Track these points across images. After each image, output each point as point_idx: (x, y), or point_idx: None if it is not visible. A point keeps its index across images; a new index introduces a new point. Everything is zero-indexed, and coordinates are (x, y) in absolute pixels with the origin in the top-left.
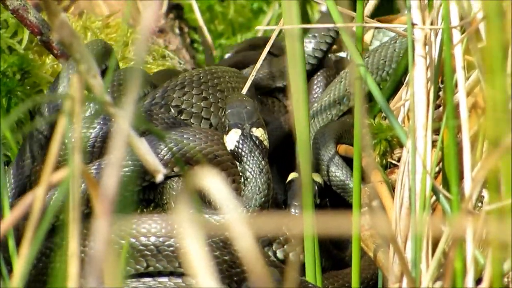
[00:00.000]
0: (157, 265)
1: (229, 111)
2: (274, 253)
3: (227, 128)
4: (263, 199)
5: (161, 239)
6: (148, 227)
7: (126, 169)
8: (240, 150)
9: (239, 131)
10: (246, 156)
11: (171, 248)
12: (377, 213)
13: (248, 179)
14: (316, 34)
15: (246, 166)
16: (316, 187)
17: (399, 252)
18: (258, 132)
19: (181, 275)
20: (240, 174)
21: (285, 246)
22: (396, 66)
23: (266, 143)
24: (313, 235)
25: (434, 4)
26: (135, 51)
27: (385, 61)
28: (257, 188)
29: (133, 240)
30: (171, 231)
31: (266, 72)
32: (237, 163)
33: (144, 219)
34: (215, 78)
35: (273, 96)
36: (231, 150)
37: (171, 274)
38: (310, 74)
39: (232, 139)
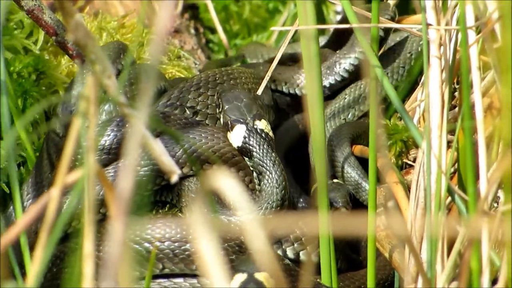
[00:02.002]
0: (173, 267)
1: (227, 107)
2: (284, 252)
3: (229, 125)
4: (283, 191)
5: (176, 244)
6: (164, 231)
7: (141, 171)
8: (248, 146)
9: (243, 127)
10: (255, 151)
11: (187, 252)
12: (392, 213)
13: (262, 174)
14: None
15: (257, 160)
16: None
17: (414, 253)
18: (262, 124)
19: (196, 276)
20: (252, 169)
21: (295, 245)
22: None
23: (271, 133)
24: (328, 235)
25: (448, 4)
26: (151, 51)
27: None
28: (274, 181)
29: (148, 244)
30: (187, 234)
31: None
32: (247, 160)
33: (160, 222)
34: (231, 79)
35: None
36: (238, 147)
37: (186, 275)
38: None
39: (237, 135)
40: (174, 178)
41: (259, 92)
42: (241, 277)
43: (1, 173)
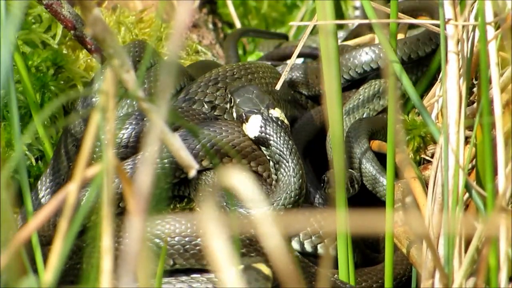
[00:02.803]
0: (184, 263)
1: (238, 100)
2: (302, 245)
3: (244, 117)
4: (300, 180)
5: (187, 239)
6: (174, 227)
7: (160, 164)
8: (265, 135)
9: (258, 116)
10: (273, 139)
11: (198, 247)
12: (410, 209)
13: (279, 162)
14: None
15: (275, 149)
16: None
17: (432, 249)
18: (277, 112)
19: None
20: (269, 159)
21: (313, 238)
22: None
23: (286, 121)
24: (346, 231)
25: (467, 0)
26: (169, 46)
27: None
28: (291, 170)
29: (158, 240)
30: (198, 229)
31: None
32: (263, 149)
33: (170, 218)
34: (249, 73)
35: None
36: (255, 137)
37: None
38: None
39: (254, 126)
40: (192, 173)
41: (278, 87)
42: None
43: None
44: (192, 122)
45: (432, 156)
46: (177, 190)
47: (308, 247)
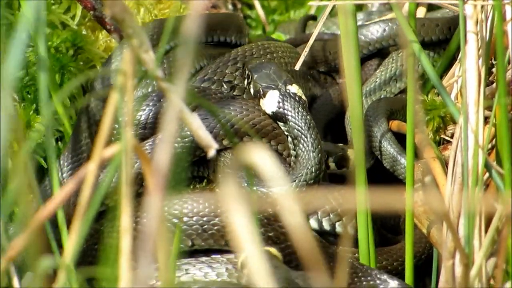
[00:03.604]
0: (202, 243)
1: (256, 75)
2: (320, 222)
3: (261, 92)
4: (319, 155)
5: (205, 218)
6: (192, 206)
7: (179, 143)
8: (283, 110)
9: (276, 92)
10: (291, 114)
11: (217, 227)
12: (430, 189)
13: (298, 138)
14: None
15: (293, 124)
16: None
17: (452, 228)
18: (294, 88)
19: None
20: (287, 134)
21: (331, 215)
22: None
23: (304, 97)
24: (366, 210)
25: None
26: (187, 26)
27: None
28: (310, 145)
29: (176, 220)
30: (216, 209)
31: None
32: (281, 125)
33: (188, 197)
34: (268, 53)
35: (325, 72)
36: (272, 112)
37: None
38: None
39: (271, 101)
40: (212, 153)
41: (297, 67)
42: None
43: (38, 148)
44: (210, 102)
45: (451, 136)
46: (197, 171)
47: (326, 225)
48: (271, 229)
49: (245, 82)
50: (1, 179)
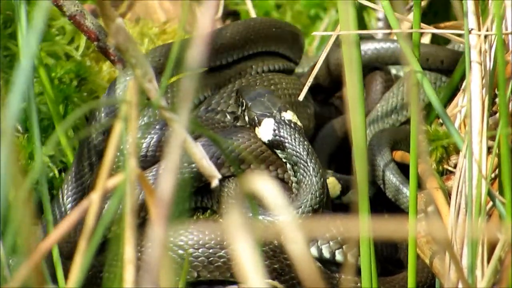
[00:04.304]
0: (208, 275)
1: (250, 103)
2: (320, 250)
3: (256, 121)
4: (321, 179)
5: (211, 250)
6: (198, 237)
7: (182, 172)
8: (279, 138)
9: (271, 120)
10: (287, 141)
11: (223, 259)
12: (433, 219)
13: (298, 164)
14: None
15: (291, 151)
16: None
17: (455, 258)
18: (289, 115)
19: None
20: (285, 161)
21: (331, 243)
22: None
23: (299, 123)
24: (369, 239)
25: (490, 10)
26: (191, 56)
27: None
28: (311, 170)
29: (182, 251)
30: (222, 240)
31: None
32: (278, 152)
33: (193, 228)
34: (272, 84)
35: (329, 103)
36: (268, 140)
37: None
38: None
39: (266, 129)
40: (215, 182)
41: (301, 97)
42: None
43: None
44: (214, 131)
45: (454, 167)
46: (200, 201)
47: (326, 253)
48: (276, 261)
49: (239, 110)
50: (3, 211)
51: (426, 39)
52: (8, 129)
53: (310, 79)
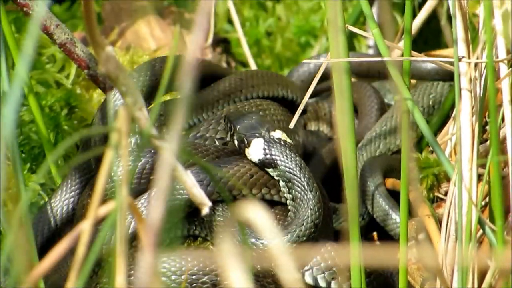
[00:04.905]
0: None
1: (239, 126)
2: (315, 279)
3: (246, 142)
4: (317, 193)
5: (194, 277)
6: (181, 264)
7: (171, 199)
8: (270, 156)
9: (260, 139)
10: (279, 158)
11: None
12: (423, 246)
13: (291, 180)
14: None
15: (283, 168)
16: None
17: (446, 286)
18: (278, 134)
19: None
20: (277, 179)
21: (326, 274)
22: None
23: (289, 140)
24: (359, 266)
25: (480, 38)
26: (181, 82)
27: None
28: (305, 185)
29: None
30: (205, 267)
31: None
32: (270, 171)
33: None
34: (260, 110)
35: (318, 131)
36: (259, 160)
37: None
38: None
39: (256, 149)
40: (205, 210)
41: (291, 125)
42: None
43: (33, 206)
44: (204, 158)
45: (445, 194)
46: (193, 230)
47: (321, 282)
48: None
49: (228, 135)
50: None
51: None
52: None
53: (301, 107)
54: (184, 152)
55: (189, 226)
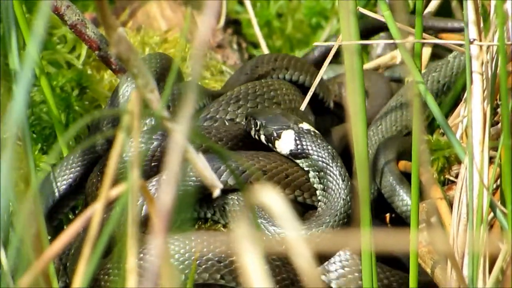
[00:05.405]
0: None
1: (265, 121)
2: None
3: (275, 135)
4: (349, 183)
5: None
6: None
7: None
8: (302, 146)
9: (290, 131)
10: (311, 148)
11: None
12: (434, 229)
13: (323, 170)
14: None
15: (316, 157)
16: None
17: (456, 268)
18: (306, 125)
19: None
20: (307, 169)
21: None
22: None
23: (318, 132)
24: (370, 251)
25: (492, 20)
26: (191, 65)
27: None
28: (337, 174)
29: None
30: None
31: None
32: (300, 162)
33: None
34: (272, 90)
35: (329, 111)
36: (291, 150)
37: None
38: None
39: (287, 140)
40: (217, 192)
41: (303, 107)
42: None
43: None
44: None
45: (456, 177)
46: (204, 213)
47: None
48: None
49: (253, 132)
50: (6, 220)
51: (428, 50)
52: (10, 137)
53: (312, 88)
54: (196, 134)
55: (201, 209)
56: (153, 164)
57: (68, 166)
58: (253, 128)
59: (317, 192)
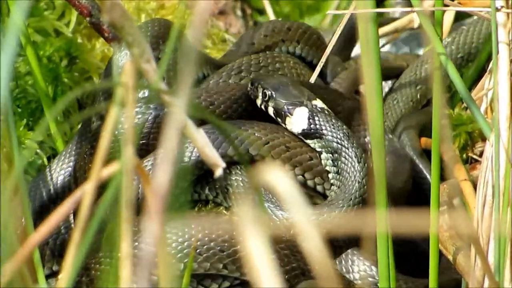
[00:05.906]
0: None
1: (275, 93)
2: None
3: (286, 110)
4: (365, 165)
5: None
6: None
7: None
8: (316, 126)
9: (304, 109)
10: (325, 128)
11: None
12: (457, 212)
13: (338, 151)
14: None
15: (330, 137)
16: None
17: (481, 255)
18: (320, 103)
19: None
20: (320, 150)
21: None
22: (478, 52)
23: (330, 111)
24: (387, 233)
25: None
26: (191, 34)
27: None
28: (353, 155)
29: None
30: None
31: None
32: (312, 142)
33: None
34: (277, 62)
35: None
36: (303, 130)
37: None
38: None
39: (300, 118)
40: (218, 172)
41: (312, 80)
42: None
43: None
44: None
45: (480, 155)
46: (206, 195)
47: None
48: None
49: (259, 101)
50: None
51: (449, 16)
52: None
53: (323, 59)
54: (195, 108)
55: (201, 190)
56: (150, 142)
57: (63, 160)
58: (260, 97)
59: (330, 175)
